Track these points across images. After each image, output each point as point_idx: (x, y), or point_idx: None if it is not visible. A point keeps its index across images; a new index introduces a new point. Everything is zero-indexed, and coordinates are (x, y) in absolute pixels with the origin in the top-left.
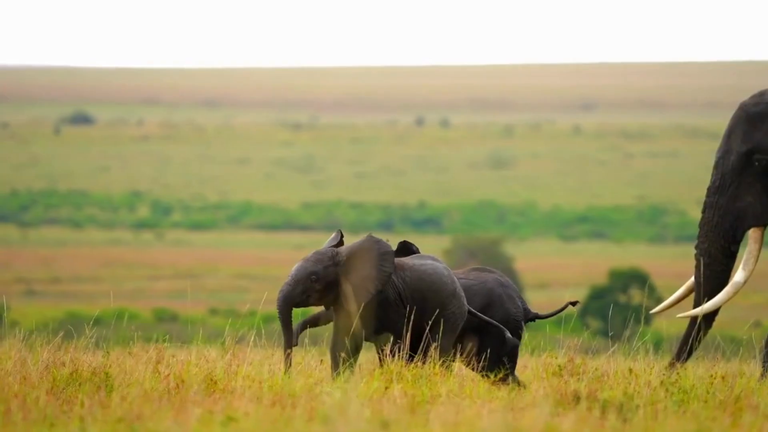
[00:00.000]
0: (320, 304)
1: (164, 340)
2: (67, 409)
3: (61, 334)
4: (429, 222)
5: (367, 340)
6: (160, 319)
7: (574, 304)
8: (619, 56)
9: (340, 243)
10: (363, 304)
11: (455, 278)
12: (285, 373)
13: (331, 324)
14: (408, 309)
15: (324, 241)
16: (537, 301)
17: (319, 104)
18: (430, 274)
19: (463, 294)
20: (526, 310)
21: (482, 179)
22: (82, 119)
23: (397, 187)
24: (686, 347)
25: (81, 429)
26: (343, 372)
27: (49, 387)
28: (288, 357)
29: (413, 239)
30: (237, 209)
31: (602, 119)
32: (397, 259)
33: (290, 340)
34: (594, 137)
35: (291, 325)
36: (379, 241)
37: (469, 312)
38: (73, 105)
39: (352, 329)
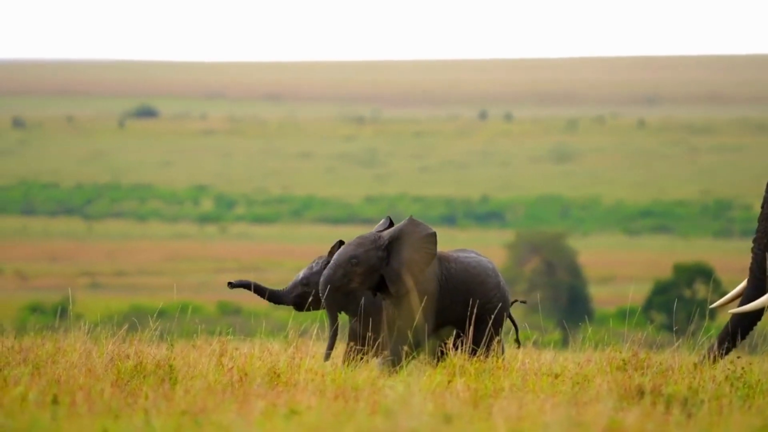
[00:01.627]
0: (363, 288)
1: (228, 333)
2: (132, 401)
3: (125, 326)
4: (492, 216)
5: (430, 334)
6: (224, 312)
7: (523, 302)
8: (684, 49)
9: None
10: (422, 296)
11: (499, 272)
12: (328, 352)
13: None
14: (451, 301)
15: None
16: (601, 295)
17: (382, 98)
18: (475, 266)
19: (507, 287)
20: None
21: (546, 173)
22: (146, 113)
23: (460, 181)
24: (730, 339)
25: (145, 421)
26: (406, 365)
27: (114, 379)
28: (332, 339)
29: (476, 233)
30: (300, 203)
31: (667, 113)
32: (440, 251)
33: (333, 323)
34: (658, 131)
35: (335, 308)
36: (419, 224)
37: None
38: (137, 99)
39: (412, 321)
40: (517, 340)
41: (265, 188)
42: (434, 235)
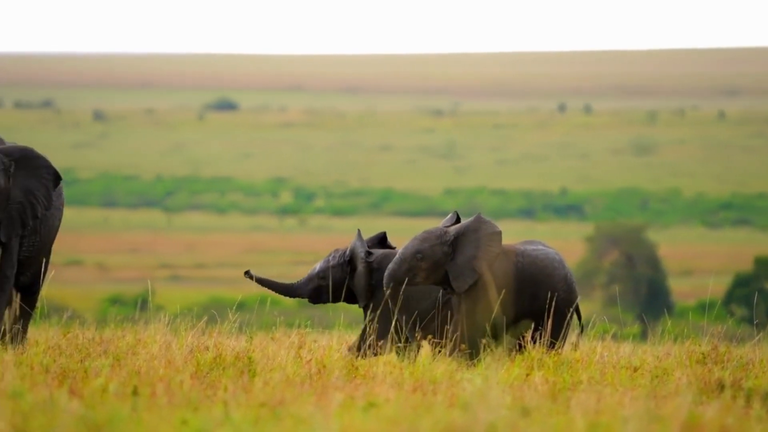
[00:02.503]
0: (428, 283)
1: (306, 326)
2: (211, 393)
3: (204, 318)
4: (571, 209)
5: (503, 328)
6: (303, 305)
7: None
8: (766, 41)
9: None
10: (490, 291)
11: (566, 264)
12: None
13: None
14: (519, 294)
15: None
16: (681, 288)
17: (461, 91)
18: (543, 259)
19: (574, 280)
20: None
21: (625, 166)
22: (226, 106)
23: (539, 174)
24: None
25: (224, 413)
26: (484, 358)
27: (193, 371)
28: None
29: (555, 226)
30: (378, 196)
31: (747, 105)
32: (507, 244)
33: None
34: (739, 123)
35: (395, 302)
36: (486, 222)
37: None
38: (217, 92)
39: (483, 315)
40: (581, 330)
41: (343, 181)
42: (499, 233)
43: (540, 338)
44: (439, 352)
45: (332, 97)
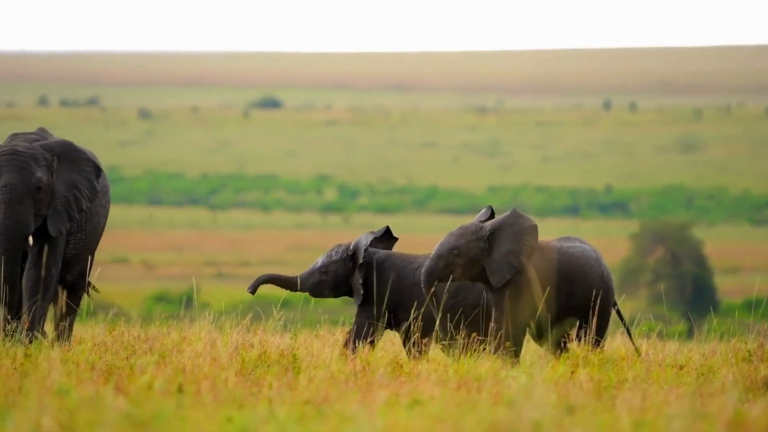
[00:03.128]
0: (465, 279)
1: (351, 323)
2: (256, 390)
3: (249, 316)
4: (616, 206)
5: (539, 324)
6: (347, 303)
7: None
8: None
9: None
10: (526, 286)
11: (603, 262)
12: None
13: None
14: (555, 291)
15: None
16: (727, 286)
17: (505, 88)
18: (579, 257)
19: (611, 278)
20: None
21: (671, 163)
22: (270, 103)
23: (584, 171)
24: None
25: (269, 410)
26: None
27: (238, 368)
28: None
29: (600, 224)
30: (423, 193)
31: None
32: (545, 240)
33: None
34: None
35: (435, 299)
36: (521, 216)
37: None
38: (262, 89)
39: (521, 311)
40: (628, 333)
41: (388, 178)
42: (535, 227)
43: (580, 336)
44: (483, 349)
45: (377, 95)
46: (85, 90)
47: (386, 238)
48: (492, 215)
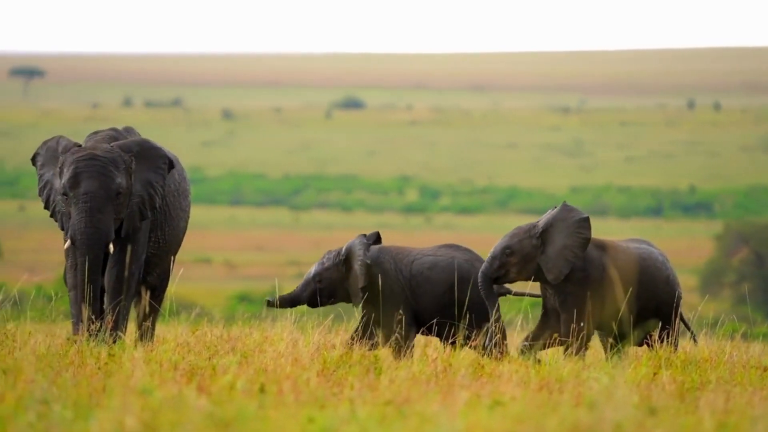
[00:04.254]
0: (521, 278)
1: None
2: (337, 390)
3: (331, 316)
4: (700, 207)
5: (599, 321)
6: None
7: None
8: None
9: None
10: (585, 281)
11: (669, 264)
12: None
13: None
14: (608, 289)
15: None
16: None
17: (587, 88)
18: (645, 258)
19: (677, 282)
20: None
21: (755, 163)
22: (352, 104)
23: (667, 172)
24: None
25: (350, 411)
26: (610, 357)
27: (320, 369)
28: (496, 325)
29: (683, 224)
30: (504, 193)
31: None
32: (609, 240)
33: (495, 310)
34: None
35: (493, 300)
36: (572, 209)
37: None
38: (344, 90)
39: (583, 306)
40: (693, 338)
41: (469, 179)
42: (587, 219)
43: (665, 337)
44: (566, 350)
45: (458, 95)
46: (169, 91)
47: (376, 243)
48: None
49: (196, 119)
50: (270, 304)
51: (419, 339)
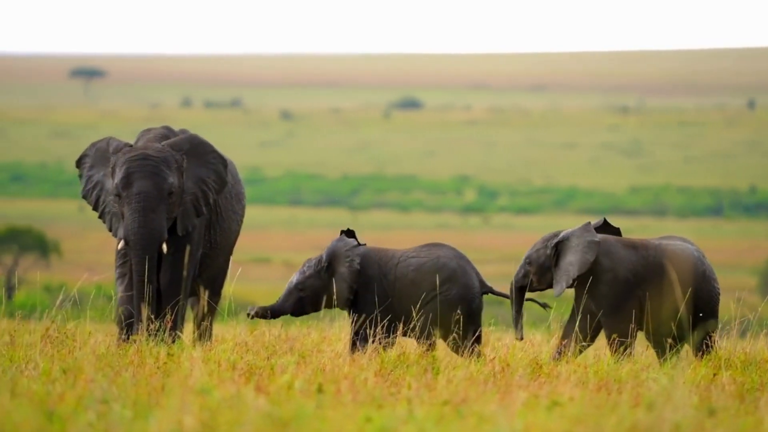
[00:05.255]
0: (543, 287)
1: (490, 324)
2: (395, 390)
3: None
4: (760, 207)
5: (627, 322)
6: (488, 303)
7: (544, 306)
8: None
9: (604, 228)
10: (612, 283)
11: (706, 260)
12: (519, 335)
13: None
14: (648, 289)
15: (649, 225)
16: None
17: (646, 88)
18: (677, 254)
19: (714, 277)
20: (482, 283)
21: None
22: (411, 104)
23: (727, 172)
24: None
25: (408, 411)
26: (671, 358)
27: (378, 369)
28: (519, 329)
29: (743, 225)
30: (563, 193)
31: None
32: (641, 239)
33: (517, 320)
34: None
35: (520, 306)
36: (589, 231)
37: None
38: (402, 90)
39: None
40: (709, 334)
41: (528, 179)
42: (596, 243)
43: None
44: (626, 351)
45: (517, 95)
46: (228, 91)
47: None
48: (605, 224)
49: (255, 120)
50: (251, 316)
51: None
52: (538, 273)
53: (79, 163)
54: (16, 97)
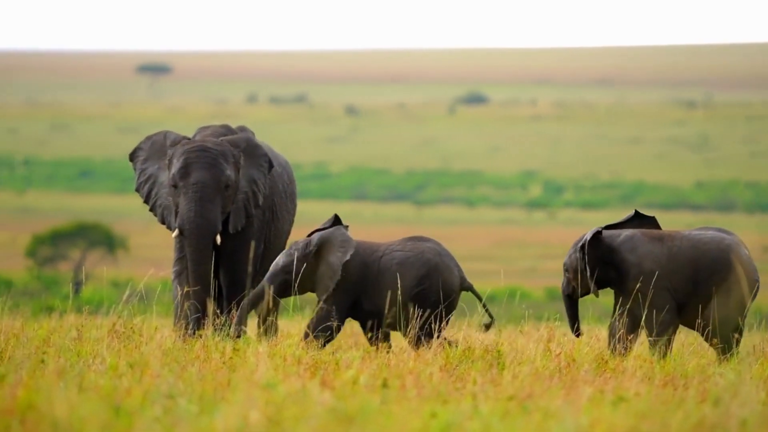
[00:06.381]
0: (585, 292)
1: (555, 319)
2: (460, 386)
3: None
4: None
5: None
6: (552, 298)
7: (488, 326)
8: None
9: (637, 220)
10: (638, 276)
11: (743, 251)
12: (577, 333)
13: None
14: (677, 279)
15: (716, 220)
16: None
17: (713, 82)
18: (705, 243)
19: (751, 268)
20: (463, 279)
21: None
22: (476, 99)
23: None
24: None
25: (473, 406)
26: (736, 353)
27: (443, 364)
28: (576, 329)
29: None
30: (629, 188)
31: None
32: (669, 230)
33: (572, 325)
34: None
35: (572, 313)
36: (584, 236)
37: None
38: (467, 85)
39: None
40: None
41: (594, 174)
42: (583, 246)
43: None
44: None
45: (582, 90)
46: (294, 87)
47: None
48: (636, 216)
49: (320, 115)
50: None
51: (542, 335)
52: (576, 279)
53: (133, 156)
54: (83, 94)
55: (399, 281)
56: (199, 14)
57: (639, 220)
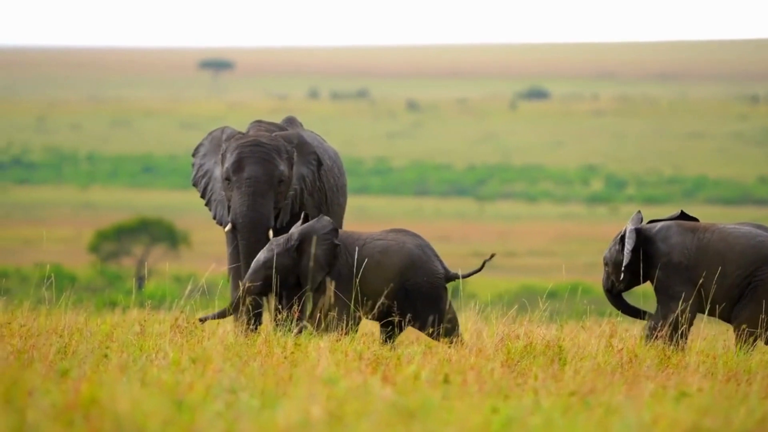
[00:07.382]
0: (625, 286)
1: (617, 315)
2: (521, 381)
3: (515, 306)
4: None
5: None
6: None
7: (488, 259)
8: None
9: (682, 219)
10: (668, 267)
11: None
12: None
13: None
14: (705, 272)
15: None
16: None
17: None
18: (737, 236)
19: None
20: (446, 270)
21: None
22: (537, 94)
23: None
24: None
25: (534, 401)
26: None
27: (504, 359)
28: (644, 315)
29: None
30: (691, 183)
31: None
32: (704, 223)
33: (631, 314)
34: None
35: (620, 306)
36: (631, 221)
37: None
38: (529, 80)
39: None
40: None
41: (655, 169)
42: (622, 237)
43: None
44: (750, 342)
45: (644, 85)
46: (355, 82)
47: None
48: (680, 217)
49: (381, 110)
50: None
51: (604, 330)
52: (615, 272)
53: (195, 152)
54: (145, 90)
55: (380, 269)
56: (261, 10)
57: (683, 219)
